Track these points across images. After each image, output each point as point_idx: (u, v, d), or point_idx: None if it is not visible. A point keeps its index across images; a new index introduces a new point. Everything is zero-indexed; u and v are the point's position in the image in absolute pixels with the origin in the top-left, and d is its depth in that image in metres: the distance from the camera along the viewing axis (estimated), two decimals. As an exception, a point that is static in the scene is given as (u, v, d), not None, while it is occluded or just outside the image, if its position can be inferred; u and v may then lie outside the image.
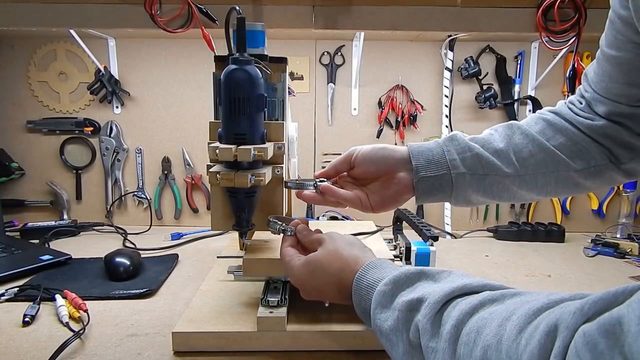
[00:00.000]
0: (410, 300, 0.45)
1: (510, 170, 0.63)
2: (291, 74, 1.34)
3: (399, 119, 1.36)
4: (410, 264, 0.84)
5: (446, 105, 1.34)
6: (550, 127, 0.65)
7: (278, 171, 0.73)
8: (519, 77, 1.35)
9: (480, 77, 1.35)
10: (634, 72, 0.57)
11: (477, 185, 0.63)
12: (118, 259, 0.96)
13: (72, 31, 1.21)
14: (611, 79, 0.60)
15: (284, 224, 0.67)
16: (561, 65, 1.32)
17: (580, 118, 0.65)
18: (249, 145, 0.64)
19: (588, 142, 0.64)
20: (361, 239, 0.85)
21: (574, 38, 1.08)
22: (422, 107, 1.36)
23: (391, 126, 1.38)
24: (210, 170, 0.66)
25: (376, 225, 0.95)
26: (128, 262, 0.95)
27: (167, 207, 1.41)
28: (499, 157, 0.63)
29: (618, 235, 1.28)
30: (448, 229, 1.36)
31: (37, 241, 1.18)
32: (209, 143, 0.68)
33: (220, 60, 0.76)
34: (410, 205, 1.40)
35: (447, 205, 1.36)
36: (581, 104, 0.67)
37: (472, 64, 1.32)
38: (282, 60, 0.78)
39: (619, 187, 1.36)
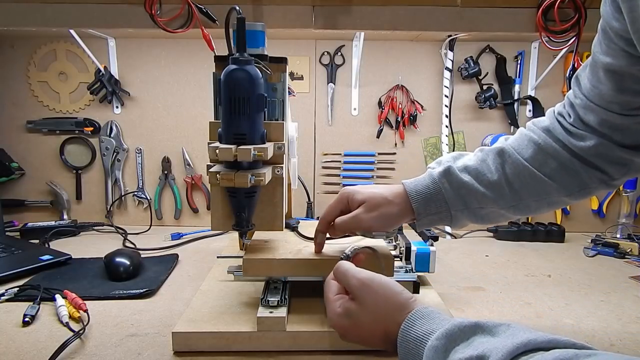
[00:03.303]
0: (469, 359, 0.41)
1: (504, 202, 0.66)
2: (291, 74, 1.34)
3: (399, 119, 1.36)
4: (410, 264, 0.84)
5: (446, 105, 1.34)
6: (541, 152, 0.66)
7: (278, 171, 0.73)
8: (519, 77, 1.35)
9: (480, 77, 1.35)
10: (626, 79, 0.57)
11: (474, 217, 0.67)
12: (118, 259, 0.96)
13: (72, 31, 1.21)
14: (604, 86, 0.59)
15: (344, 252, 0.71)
16: (561, 65, 1.32)
17: (572, 139, 0.65)
18: (249, 145, 0.64)
19: (579, 165, 0.65)
20: (361, 239, 0.85)
21: (574, 38, 1.08)
22: (422, 107, 1.36)
23: (391, 126, 1.38)
24: (210, 170, 0.66)
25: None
26: (128, 262, 0.95)
27: (167, 207, 1.41)
28: (492, 191, 0.65)
29: (618, 235, 1.28)
30: (448, 229, 1.36)
31: (37, 241, 1.18)
32: (209, 143, 0.68)
33: (220, 60, 0.76)
34: (410, 205, 1.40)
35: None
36: (570, 116, 0.66)
37: (472, 64, 1.32)
38: (282, 60, 0.77)
39: (619, 187, 1.36)
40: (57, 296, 0.79)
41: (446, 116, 1.34)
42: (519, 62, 1.35)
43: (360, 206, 0.68)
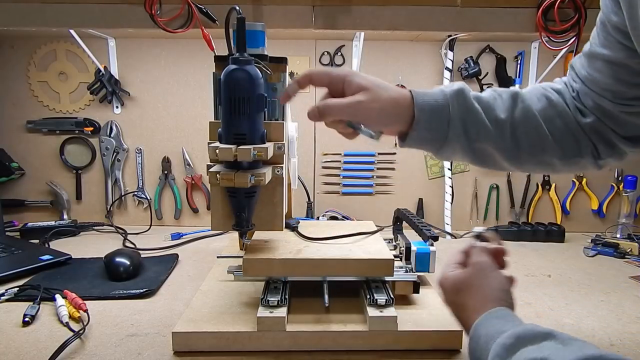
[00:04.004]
0: (533, 359, 0.42)
1: (502, 143, 0.64)
2: (291, 74, 1.34)
3: (399, 119, 1.36)
4: (410, 264, 0.84)
5: (446, 105, 1.34)
6: (552, 108, 0.65)
7: (278, 171, 0.73)
8: (519, 77, 1.35)
9: (480, 77, 1.35)
10: (622, 71, 0.58)
11: (466, 148, 0.63)
12: (118, 259, 0.96)
13: (72, 31, 1.21)
14: (600, 74, 0.61)
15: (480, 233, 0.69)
16: (561, 65, 1.32)
17: (577, 110, 0.65)
18: (249, 145, 0.64)
19: (581, 133, 0.65)
20: (361, 239, 0.85)
21: (574, 38, 1.08)
22: (422, 107, 1.36)
23: (391, 126, 1.38)
24: (210, 170, 0.66)
25: (376, 225, 0.95)
26: (128, 262, 0.95)
27: (167, 207, 1.41)
28: (496, 128, 0.63)
29: (618, 235, 1.28)
30: (448, 229, 1.36)
31: (37, 241, 1.18)
32: (209, 143, 0.68)
33: (220, 60, 0.76)
34: (410, 205, 1.41)
35: (447, 205, 1.36)
36: (573, 92, 0.67)
37: (472, 64, 1.32)
38: (282, 60, 0.78)
39: (618, 187, 1.36)
40: (57, 296, 0.79)
41: (446, 116, 1.34)
42: (519, 62, 1.35)
43: (361, 92, 0.60)
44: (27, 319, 0.74)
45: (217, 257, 0.90)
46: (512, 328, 0.47)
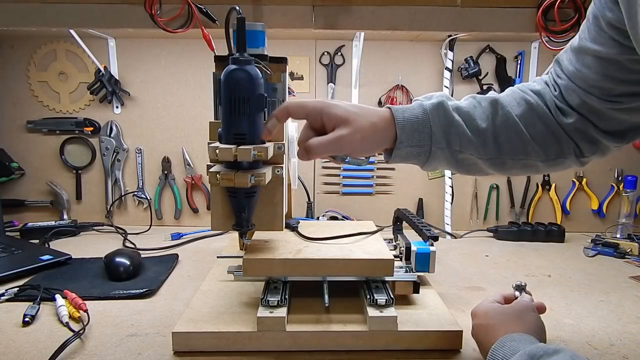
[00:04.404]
0: None
1: (485, 152, 0.64)
2: (291, 74, 1.34)
3: (399, 119, 1.36)
4: (410, 264, 0.84)
5: (446, 105, 1.34)
6: (532, 111, 0.65)
7: (278, 171, 0.73)
8: (519, 77, 1.35)
9: (480, 77, 1.35)
10: (612, 67, 0.57)
11: (451, 159, 0.64)
12: (118, 259, 0.96)
13: (72, 31, 1.21)
14: (588, 70, 0.60)
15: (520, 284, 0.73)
16: (561, 65, 1.32)
17: (558, 111, 0.65)
18: (249, 145, 0.64)
19: (562, 133, 0.65)
20: (361, 239, 0.85)
21: (574, 38, 1.08)
22: (422, 107, 1.36)
23: (391, 126, 1.38)
24: (210, 170, 0.66)
25: (376, 225, 0.95)
26: (128, 262, 0.95)
27: (167, 207, 1.41)
28: (478, 138, 0.63)
29: (618, 235, 1.28)
30: (448, 229, 1.36)
31: (37, 241, 1.18)
32: (209, 143, 0.68)
33: (220, 60, 0.76)
34: (410, 205, 1.41)
35: (447, 205, 1.36)
36: (556, 90, 0.66)
37: (472, 64, 1.32)
38: (282, 60, 0.78)
39: (618, 187, 1.36)
40: (57, 296, 0.79)
41: (446, 116, 1.34)
42: (519, 62, 1.35)
43: (342, 126, 0.59)
44: (27, 319, 0.74)
45: (217, 257, 0.90)
46: (524, 348, 0.50)
